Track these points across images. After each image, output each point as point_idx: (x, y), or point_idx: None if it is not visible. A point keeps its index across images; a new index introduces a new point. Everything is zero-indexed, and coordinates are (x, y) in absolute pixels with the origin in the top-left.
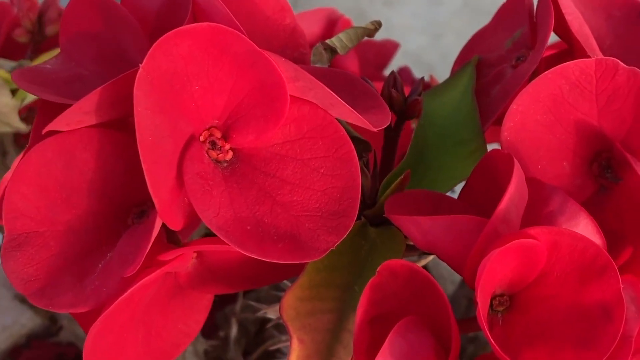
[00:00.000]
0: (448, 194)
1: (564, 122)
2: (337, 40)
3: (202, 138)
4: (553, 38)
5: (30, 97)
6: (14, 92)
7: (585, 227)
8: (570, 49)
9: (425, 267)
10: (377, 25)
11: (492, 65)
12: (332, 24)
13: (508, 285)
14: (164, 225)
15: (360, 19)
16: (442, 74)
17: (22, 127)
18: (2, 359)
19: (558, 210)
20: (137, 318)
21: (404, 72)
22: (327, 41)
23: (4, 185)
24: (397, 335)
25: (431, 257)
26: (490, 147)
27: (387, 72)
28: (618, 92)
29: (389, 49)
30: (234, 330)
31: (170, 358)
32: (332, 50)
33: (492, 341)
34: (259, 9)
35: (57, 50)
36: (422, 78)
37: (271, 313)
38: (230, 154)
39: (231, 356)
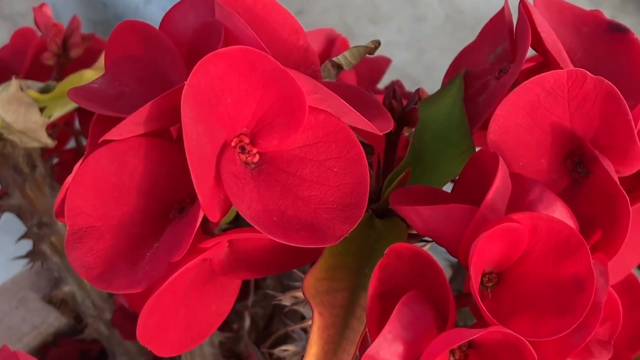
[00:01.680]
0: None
1: (541, 124)
2: (343, 58)
3: (233, 144)
4: (530, 52)
5: (56, 115)
6: (41, 110)
7: (560, 213)
8: (546, 62)
9: None
10: (377, 44)
11: (478, 77)
12: (331, 42)
13: (496, 264)
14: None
15: (347, 36)
16: (426, 87)
17: (49, 142)
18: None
19: (537, 200)
20: (178, 300)
21: (396, 84)
22: (334, 59)
23: (66, 187)
24: (403, 307)
25: (427, 246)
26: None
27: (379, 86)
28: (587, 97)
29: (382, 64)
30: (247, 322)
31: (205, 335)
32: (338, 67)
33: (484, 309)
34: (277, 32)
35: (82, 73)
36: (419, 89)
37: (285, 300)
38: (257, 157)
39: (243, 346)
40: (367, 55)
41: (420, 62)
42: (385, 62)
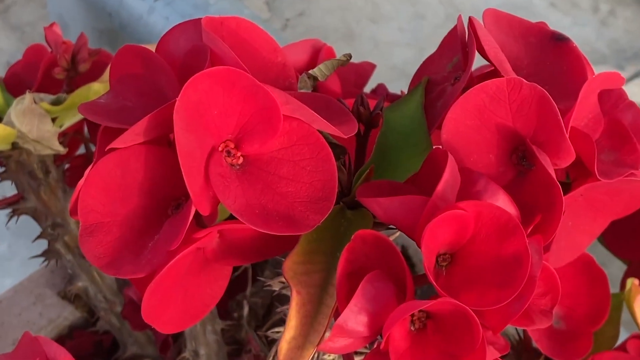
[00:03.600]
0: None
1: (487, 125)
2: (318, 70)
3: (220, 148)
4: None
5: (66, 125)
6: (53, 120)
7: (503, 201)
8: (495, 70)
9: (408, 258)
10: (349, 57)
11: (438, 84)
12: (317, 51)
13: (448, 246)
14: (194, 213)
15: (348, 37)
16: None
17: (61, 149)
18: None
19: (483, 190)
20: (177, 283)
21: (381, 87)
22: (310, 71)
23: (78, 189)
24: (367, 283)
25: (396, 234)
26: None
27: (368, 87)
28: (524, 101)
29: (367, 69)
30: (245, 310)
31: (201, 315)
32: (314, 78)
33: (437, 286)
34: (258, 51)
35: (90, 86)
36: (383, 97)
37: (275, 285)
38: (241, 159)
39: (244, 334)
40: (343, 66)
41: (421, 60)
42: (370, 68)
